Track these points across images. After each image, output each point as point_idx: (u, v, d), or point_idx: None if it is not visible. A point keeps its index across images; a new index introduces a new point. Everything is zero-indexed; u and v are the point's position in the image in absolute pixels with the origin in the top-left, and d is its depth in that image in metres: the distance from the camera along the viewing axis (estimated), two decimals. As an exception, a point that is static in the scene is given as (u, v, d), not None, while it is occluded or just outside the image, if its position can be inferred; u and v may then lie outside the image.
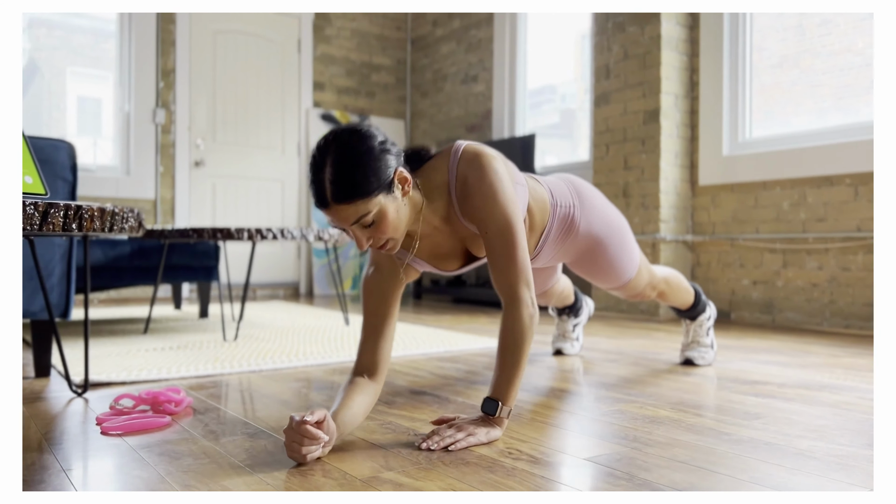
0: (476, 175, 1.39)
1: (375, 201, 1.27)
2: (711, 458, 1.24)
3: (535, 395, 1.80)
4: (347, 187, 1.24)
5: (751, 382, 1.96)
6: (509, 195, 1.41)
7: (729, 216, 3.67)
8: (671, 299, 2.14)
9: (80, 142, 4.98)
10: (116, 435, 1.41)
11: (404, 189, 1.33)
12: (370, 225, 1.29)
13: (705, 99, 3.76)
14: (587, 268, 1.90)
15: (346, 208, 1.25)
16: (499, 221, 1.38)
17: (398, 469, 1.17)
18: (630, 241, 1.92)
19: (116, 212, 1.53)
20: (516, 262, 1.38)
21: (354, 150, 1.26)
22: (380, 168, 1.27)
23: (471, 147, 1.44)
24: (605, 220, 1.83)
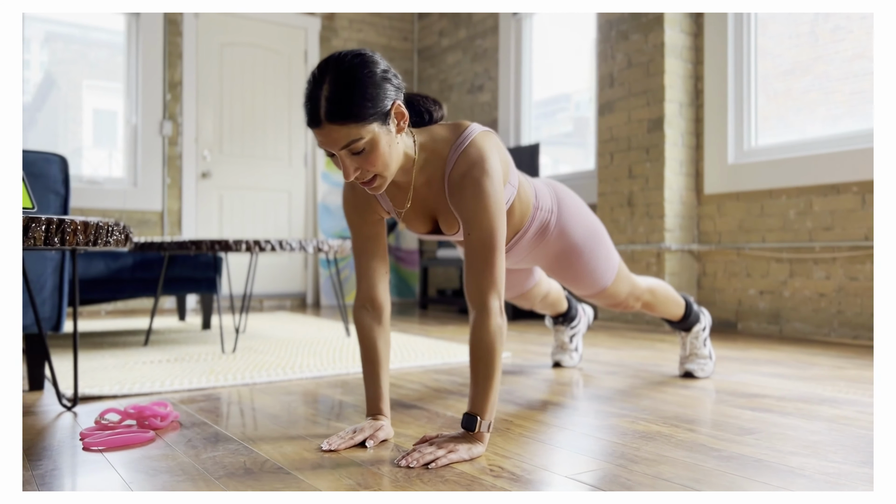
0: (474, 178, 1.37)
1: (369, 128, 1.25)
2: (697, 475, 1.21)
3: (526, 408, 1.77)
4: (343, 107, 1.22)
5: (749, 396, 1.92)
6: (500, 206, 1.39)
7: (735, 225, 3.63)
8: (659, 310, 2.11)
9: (96, 154, 5.02)
10: (98, 451, 1.40)
11: (399, 125, 1.31)
12: (359, 153, 1.27)
13: (710, 107, 3.72)
14: (561, 273, 1.88)
15: (339, 129, 1.23)
16: (483, 229, 1.36)
17: (374, 487, 1.15)
18: (606, 249, 1.90)
19: (101, 225, 1.52)
20: (492, 271, 1.36)
21: (355, 72, 1.23)
22: (378, 95, 1.25)
23: (478, 143, 1.40)
24: (581, 226, 1.82)
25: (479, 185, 1.36)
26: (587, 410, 1.75)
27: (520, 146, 4.50)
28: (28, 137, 4.83)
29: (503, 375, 2.28)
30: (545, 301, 2.27)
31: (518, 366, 2.47)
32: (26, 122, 4.88)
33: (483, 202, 1.36)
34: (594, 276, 1.87)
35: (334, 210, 5.62)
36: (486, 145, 1.41)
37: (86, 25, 4.97)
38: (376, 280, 1.54)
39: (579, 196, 4.46)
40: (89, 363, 2.47)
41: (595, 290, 1.91)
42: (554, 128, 5.01)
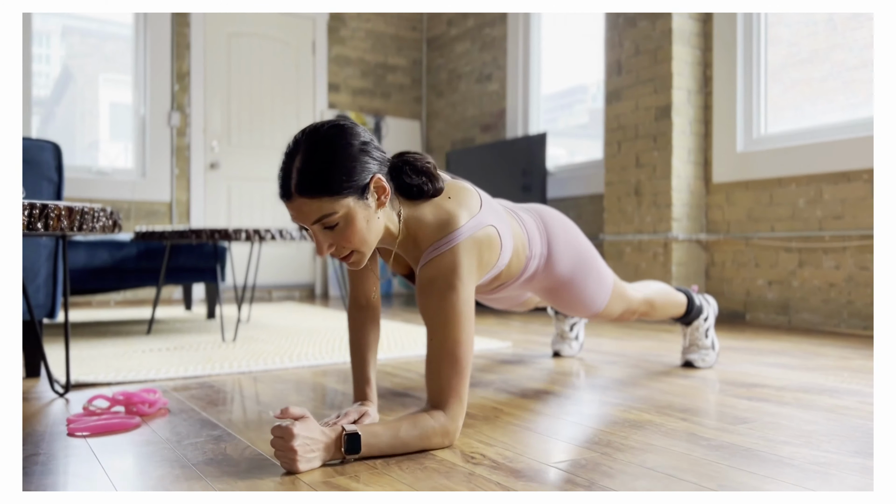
0: (443, 290, 1.26)
1: (343, 203, 1.18)
2: (682, 464, 1.18)
3: (518, 397, 1.75)
4: (314, 180, 1.16)
5: (748, 385, 1.88)
6: (467, 320, 1.27)
7: (743, 214, 3.57)
8: (657, 317, 2.06)
9: (113, 147, 5.04)
10: (83, 436, 1.39)
11: (380, 199, 1.24)
12: (333, 228, 1.20)
13: (719, 94, 3.66)
14: (554, 301, 1.83)
15: (310, 203, 1.17)
16: (448, 343, 1.26)
17: (350, 474, 1.13)
18: (597, 275, 1.81)
19: (86, 210, 1.51)
20: (455, 381, 1.25)
21: (331, 143, 1.18)
22: (355, 168, 1.18)
23: (456, 253, 1.28)
24: (570, 261, 1.73)
25: (445, 300, 1.26)
26: (580, 399, 1.72)
27: (528, 135, 4.46)
28: (47, 131, 4.87)
29: (496, 364, 2.26)
30: (540, 302, 2.24)
31: (518, 355, 2.45)
32: (45, 116, 4.92)
33: (448, 316, 1.26)
34: (585, 303, 1.82)
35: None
36: (466, 256, 1.29)
37: (102, 19, 4.99)
38: (369, 286, 1.53)
39: (580, 186, 4.42)
40: (89, 351, 2.48)
41: (590, 313, 1.86)
42: (571, 119, 4.96)
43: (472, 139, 5.47)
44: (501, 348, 2.61)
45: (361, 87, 5.81)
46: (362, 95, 5.80)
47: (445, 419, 1.25)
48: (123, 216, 4.85)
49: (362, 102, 5.81)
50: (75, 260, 3.15)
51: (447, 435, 1.25)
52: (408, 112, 6.01)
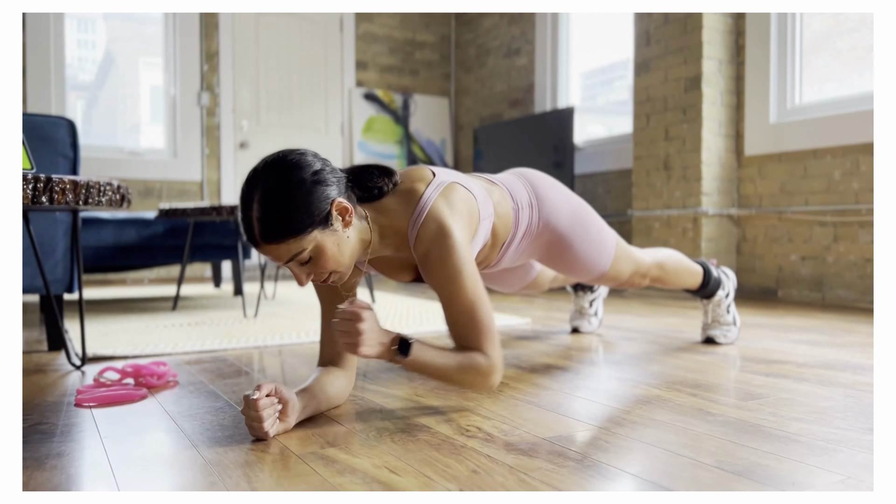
0: (440, 257, 1.27)
1: (310, 237, 1.17)
2: (682, 439, 1.14)
3: (527, 372, 1.72)
4: (276, 226, 1.14)
5: (768, 362, 1.82)
6: (472, 275, 1.29)
7: (776, 188, 3.46)
8: (672, 283, 2.00)
9: (153, 129, 5.11)
10: (88, 407, 1.41)
11: (345, 220, 1.22)
12: (308, 262, 1.20)
13: (751, 63, 3.53)
14: (555, 263, 1.78)
15: (278, 248, 1.16)
16: (463, 305, 1.28)
17: (341, 445, 1.12)
18: (598, 232, 1.77)
19: (92, 184, 1.52)
20: (483, 334, 1.28)
21: (282, 185, 1.15)
22: (311, 203, 1.16)
23: (434, 214, 1.29)
24: (565, 214, 1.70)
25: (444, 264, 1.27)
26: (589, 374, 1.69)
27: (557, 109, 4.38)
28: (91, 115, 4.98)
29: (511, 340, 2.23)
30: (556, 282, 2.19)
31: (535, 332, 2.42)
32: (89, 100, 5.02)
33: (453, 279, 1.27)
34: (589, 263, 1.77)
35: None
36: (446, 212, 1.31)
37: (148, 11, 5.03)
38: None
39: (608, 161, 4.33)
40: (114, 326, 2.52)
41: (594, 275, 1.81)
42: (612, 95, 4.85)
43: (500, 115, 5.40)
44: (520, 325, 2.59)
45: (389, 65, 5.77)
46: (390, 73, 5.77)
47: (490, 365, 1.28)
48: (155, 196, 4.92)
49: (390, 80, 5.77)
50: (104, 238, 3.20)
51: (489, 376, 1.28)
52: (436, 89, 5.96)
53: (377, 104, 5.66)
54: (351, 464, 1.03)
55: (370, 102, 5.62)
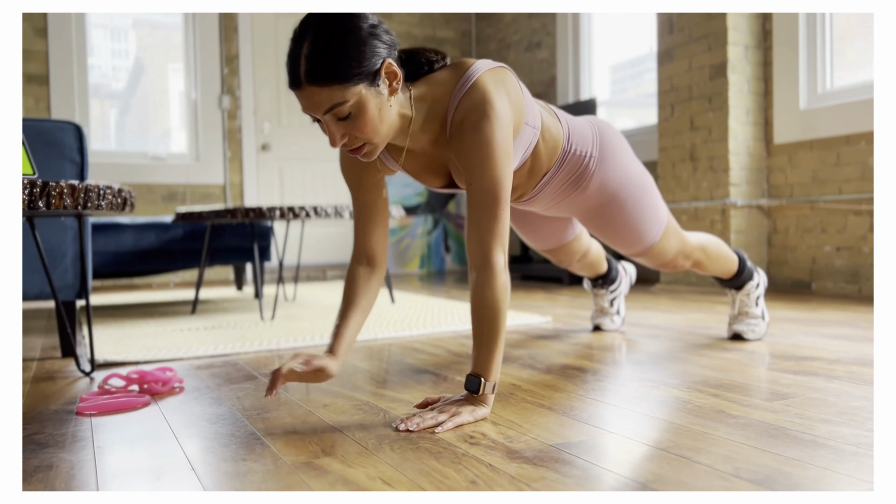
0: (476, 122, 1.24)
1: (354, 90, 1.14)
2: (700, 444, 1.07)
3: (542, 373, 1.65)
4: (324, 67, 1.12)
5: (797, 358, 1.73)
6: (504, 153, 1.26)
7: (808, 176, 3.33)
8: (710, 269, 1.93)
9: (181, 135, 5.13)
10: (90, 415, 1.39)
11: (392, 86, 1.20)
12: (346, 118, 1.17)
13: (779, 48, 3.41)
14: (600, 226, 1.72)
15: (320, 91, 1.13)
16: (486, 181, 1.25)
17: (337, 454, 1.07)
18: (653, 202, 1.72)
19: (90, 188, 1.50)
20: (496, 225, 1.25)
21: (338, 28, 1.14)
22: (364, 53, 1.14)
23: (482, 83, 1.26)
24: (625, 175, 1.65)
25: (479, 131, 1.24)
26: (606, 375, 1.61)
27: (579, 101, 4.29)
28: (124, 122, 5.03)
29: (529, 340, 2.16)
30: (584, 260, 2.11)
31: (556, 330, 2.35)
32: (121, 108, 5.07)
33: (484, 149, 1.24)
34: (639, 232, 1.71)
35: (394, 178, 5.57)
36: (492, 84, 1.27)
37: (167, 12, 5.06)
38: (374, 239, 1.45)
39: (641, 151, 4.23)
40: (129, 331, 2.52)
41: (640, 247, 1.75)
42: (641, 87, 4.74)
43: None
44: (540, 323, 2.52)
45: (410, 62, 5.72)
46: (411, 70, 5.72)
47: (493, 274, 1.24)
48: (179, 200, 4.94)
49: (411, 77, 5.72)
50: (123, 242, 3.21)
51: (505, 287, 1.25)
52: (458, 85, 5.89)
53: (398, 102, 5.61)
54: (344, 475, 0.98)
55: (391, 101, 5.58)
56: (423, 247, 5.63)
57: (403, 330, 2.36)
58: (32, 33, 4.50)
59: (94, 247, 3.15)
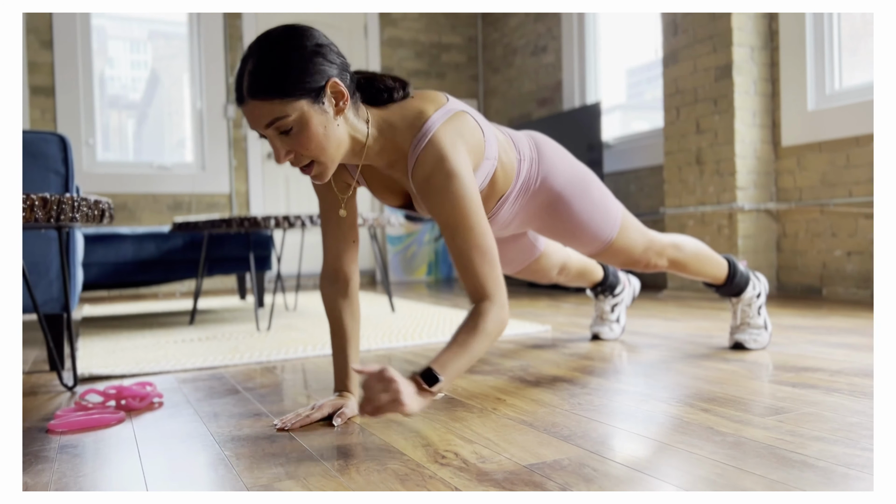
0: (442, 185, 1.24)
1: (296, 105, 1.14)
2: (683, 466, 1.01)
3: (528, 385, 1.60)
4: (265, 81, 1.12)
5: (798, 369, 1.66)
6: (477, 206, 1.26)
7: (817, 179, 3.25)
8: (692, 269, 1.85)
9: (197, 144, 5.13)
10: (61, 433, 1.35)
11: (338, 105, 1.19)
12: (289, 132, 1.16)
13: (786, 48, 3.33)
14: (554, 228, 1.69)
15: (262, 105, 1.13)
16: (463, 233, 1.25)
17: (300, 477, 1.03)
18: (601, 196, 1.68)
19: (63, 200, 1.47)
20: (492, 270, 1.25)
21: (283, 44, 1.14)
22: (307, 69, 1.14)
23: (438, 140, 1.25)
24: (564, 170, 1.63)
25: (448, 193, 1.24)
26: (595, 388, 1.56)
27: (585, 105, 4.23)
28: (141, 132, 5.05)
29: (522, 349, 2.11)
30: (566, 274, 2.06)
31: (553, 340, 2.29)
32: (138, 118, 5.09)
33: (459, 210, 1.24)
34: (591, 227, 1.67)
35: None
36: (448, 141, 1.26)
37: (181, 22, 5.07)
38: (341, 251, 1.43)
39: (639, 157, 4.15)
40: (122, 343, 2.49)
41: (599, 244, 1.70)
42: (655, 91, 4.67)
43: (528, 115, 5.27)
44: (538, 332, 2.46)
45: (416, 69, 5.70)
46: (417, 77, 5.69)
47: (495, 308, 1.23)
48: (185, 209, 4.94)
49: (417, 84, 5.70)
50: (123, 253, 3.19)
51: (502, 322, 1.25)
52: (464, 91, 5.86)
53: (404, 109, 5.58)
54: (301, 501, 0.94)
55: (397, 108, 5.55)
56: (431, 254, 5.59)
57: (399, 340, 2.32)
58: (38, 45, 4.52)
59: (94, 257, 3.14)
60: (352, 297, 1.44)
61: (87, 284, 3.24)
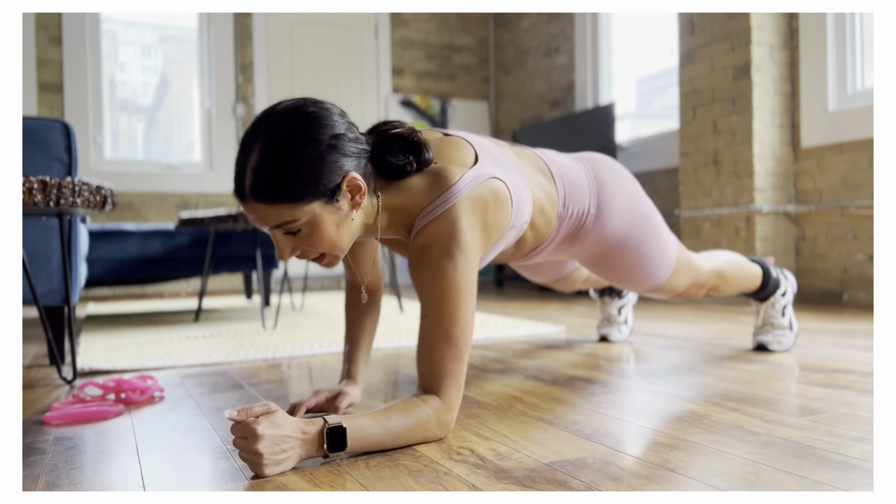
0: (438, 258, 1.07)
1: (307, 209, 0.99)
2: (716, 465, 0.94)
3: (545, 384, 1.53)
4: (272, 184, 0.96)
5: (828, 371, 1.59)
6: (466, 295, 1.08)
7: (838, 181, 3.17)
8: (728, 291, 1.78)
9: (205, 143, 5.10)
10: (56, 425, 1.29)
11: (354, 200, 1.04)
12: (297, 233, 1.02)
13: (806, 47, 3.26)
14: (603, 272, 1.59)
15: (267, 209, 0.98)
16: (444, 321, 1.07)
17: (305, 472, 0.96)
18: (660, 244, 1.56)
19: (64, 184, 1.41)
20: (455, 365, 1.07)
21: (294, 138, 0.97)
22: (322, 170, 0.98)
23: (455, 212, 1.08)
24: (625, 223, 1.49)
25: (440, 269, 1.07)
26: (617, 387, 1.49)
27: (598, 106, 4.17)
28: (150, 136, 5.02)
29: (537, 350, 2.04)
30: (588, 282, 2.00)
31: (567, 340, 2.22)
32: (148, 122, 5.07)
33: (443, 288, 1.07)
34: (644, 275, 1.56)
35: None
36: (467, 216, 1.09)
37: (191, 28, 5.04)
38: (364, 270, 1.40)
39: (654, 160, 4.08)
40: (124, 339, 2.43)
41: (647, 287, 1.61)
42: (664, 100, 4.60)
43: (540, 117, 5.21)
44: (552, 333, 2.39)
45: (426, 70, 5.65)
46: (427, 78, 5.65)
47: (441, 406, 1.06)
48: (192, 208, 4.90)
49: (427, 85, 5.65)
50: (128, 249, 3.14)
51: (442, 425, 1.07)
52: (475, 93, 5.81)
53: (414, 110, 5.54)
54: (306, 496, 0.87)
55: (407, 109, 5.50)
56: (440, 257, 5.52)
57: (409, 339, 2.25)
58: (47, 42, 4.49)
59: (99, 254, 3.09)
60: (374, 301, 1.43)
61: (91, 281, 3.19)
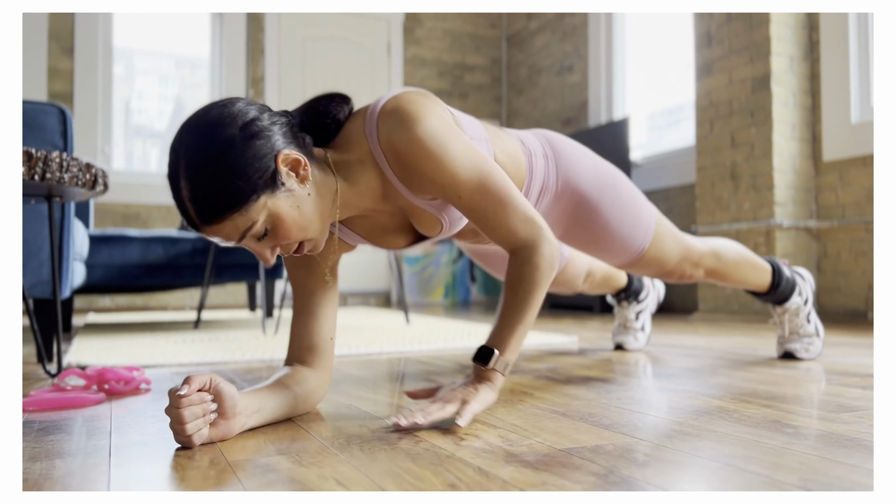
0: (407, 137, 1.03)
1: (257, 206, 0.94)
2: (754, 453, 0.83)
3: (558, 382, 1.42)
4: (211, 204, 0.92)
5: (863, 375, 1.47)
6: (461, 142, 1.06)
7: (862, 195, 3.06)
8: (733, 278, 1.64)
9: None
10: (30, 411, 1.20)
11: (299, 174, 0.98)
12: (265, 235, 0.97)
13: (828, 59, 3.18)
14: (580, 238, 1.48)
15: (223, 227, 0.94)
16: (469, 179, 1.04)
17: (292, 454, 0.86)
18: (632, 197, 1.47)
19: (51, 158, 1.34)
20: (515, 208, 1.07)
21: (208, 150, 0.93)
22: (249, 164, 0.93)
23: (393, 100, 1.07)
24: (589, 172, 1.41)
25: (422, 142, 1.02)
26: (635, 386, 1.38)
27: (612, 121, 4.10)
28: (164, 160, 5.00)
29: (548, 355, 1.93)
30: (591, 280, 1.88)
31: (582, 349, 2.11)
32: (162, 148, 5.06)
33: (442, 153, 1.02)
34: (621, 235, 1.45)
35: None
36: (404, 98, 1.07)
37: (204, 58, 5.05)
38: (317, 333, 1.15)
39: (669, 176, 3.99)
40: (119, 341, 2.35)
41: (629, 254, 1.49)
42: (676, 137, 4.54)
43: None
44: (564, 343, 2.28)
45: (438, 89, 5.61)
46: (439, 97, 5.60)
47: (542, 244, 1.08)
48: (199, 222, 4.83)
49: (440, 103, 5.60)
50: (129, 255, 3.07)
51: (553, 256, 1.09)
52: (487, 112, 5.76)
53: (426, 128, 5.48)
54: (291, 474, 0.77)
55: (418, 126, 5.45)
56: (448, 276, 5.42)
57: (413, 345, 2.15)
58: (59, 52, 4.49)
59: (99, 259, 3.02)
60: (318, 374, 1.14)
61: (91, 287, 3.11)
